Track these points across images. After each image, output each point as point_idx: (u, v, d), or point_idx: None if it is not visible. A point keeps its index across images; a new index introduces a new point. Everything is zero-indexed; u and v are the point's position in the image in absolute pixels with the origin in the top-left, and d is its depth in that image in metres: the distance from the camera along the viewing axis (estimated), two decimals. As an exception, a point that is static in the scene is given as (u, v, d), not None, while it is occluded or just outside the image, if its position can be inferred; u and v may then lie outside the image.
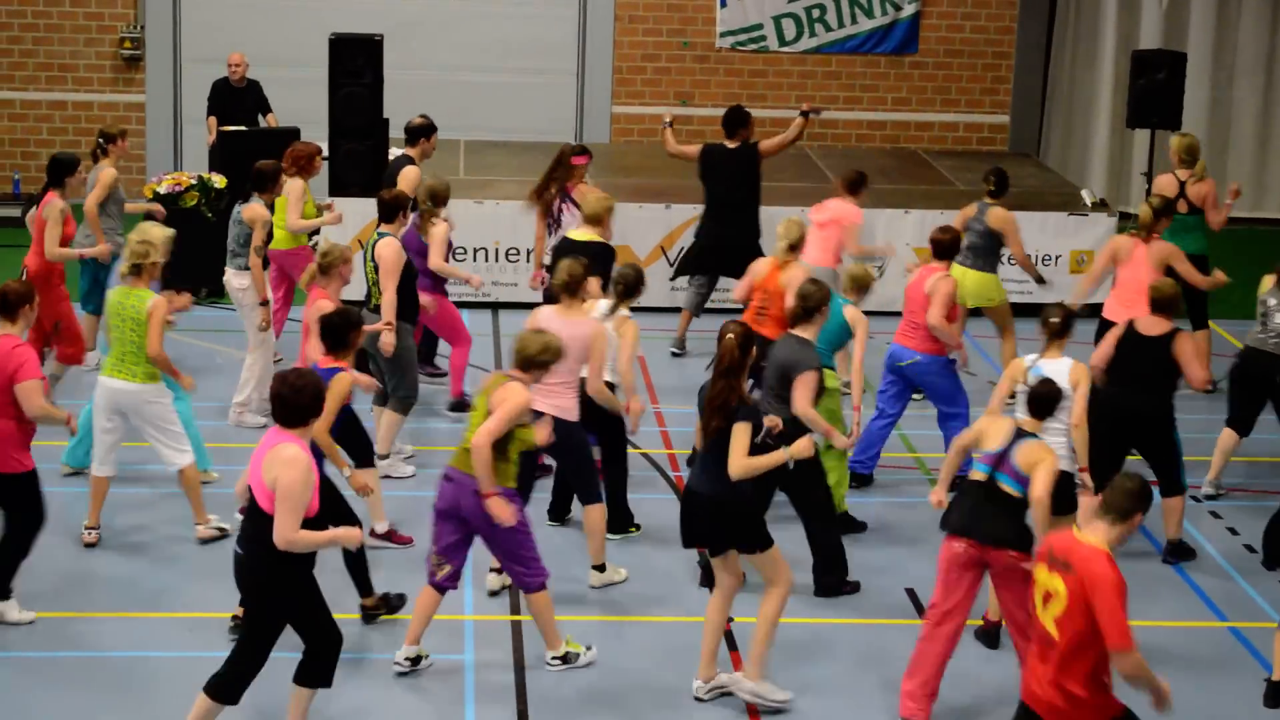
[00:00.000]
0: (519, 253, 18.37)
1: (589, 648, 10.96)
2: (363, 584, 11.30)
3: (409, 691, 10.60)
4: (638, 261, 18.46)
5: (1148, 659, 8.09)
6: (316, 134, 19.73)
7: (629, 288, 12.45)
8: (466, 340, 15.13)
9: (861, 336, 12.67)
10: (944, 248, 13.90)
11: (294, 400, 9.15)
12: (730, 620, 11.22)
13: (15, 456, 10.99)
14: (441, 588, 10.61)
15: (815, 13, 23.20)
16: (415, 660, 10.75)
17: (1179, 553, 12.93)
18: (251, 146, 19.65)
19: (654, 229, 18.62)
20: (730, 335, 10.17)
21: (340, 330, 11.14)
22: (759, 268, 13.81)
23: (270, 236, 15.09)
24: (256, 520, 9.16)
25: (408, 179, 15.66)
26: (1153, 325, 12.56)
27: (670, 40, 23.19)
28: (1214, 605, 12.27)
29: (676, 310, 17.68)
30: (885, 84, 23.45)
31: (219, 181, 18.62)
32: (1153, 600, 12.13)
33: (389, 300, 13.35)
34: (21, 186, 22.35)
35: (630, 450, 13.00)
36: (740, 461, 10.01)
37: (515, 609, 11.54)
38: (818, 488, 11.95)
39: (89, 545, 12.41)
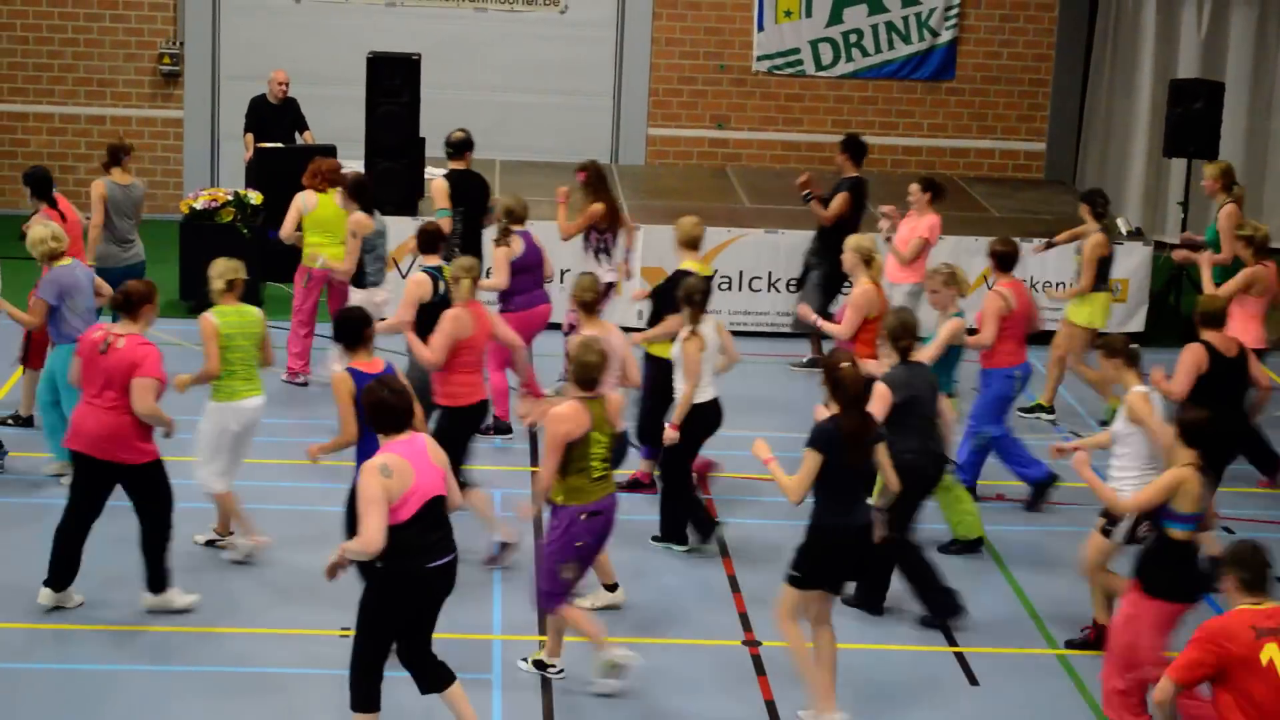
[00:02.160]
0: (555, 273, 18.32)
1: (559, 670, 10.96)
2: None
3: (435, 711, 10.58)
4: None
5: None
6: (353, 152, 19.82)
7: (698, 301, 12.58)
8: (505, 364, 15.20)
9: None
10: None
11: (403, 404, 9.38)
12: (759, 644, 11.24)
13: (140, 447, 11.25)
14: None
15: (852, 38, 23.20)
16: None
17: None
18: (288, 164, 19.75)
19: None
20: (847, 365, 10.18)
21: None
22: (867, 295, 13.58)
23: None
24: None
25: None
26: (1229, 344, 12.79)
27: (706, 63, 23.21)
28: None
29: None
30: (921, 110, 23.44)
31: (255, 198, 18.69)
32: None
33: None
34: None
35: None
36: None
37: (542, 628, 11.52)
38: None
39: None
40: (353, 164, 19.86)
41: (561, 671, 10.93)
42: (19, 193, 22.78)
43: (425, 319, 13.22)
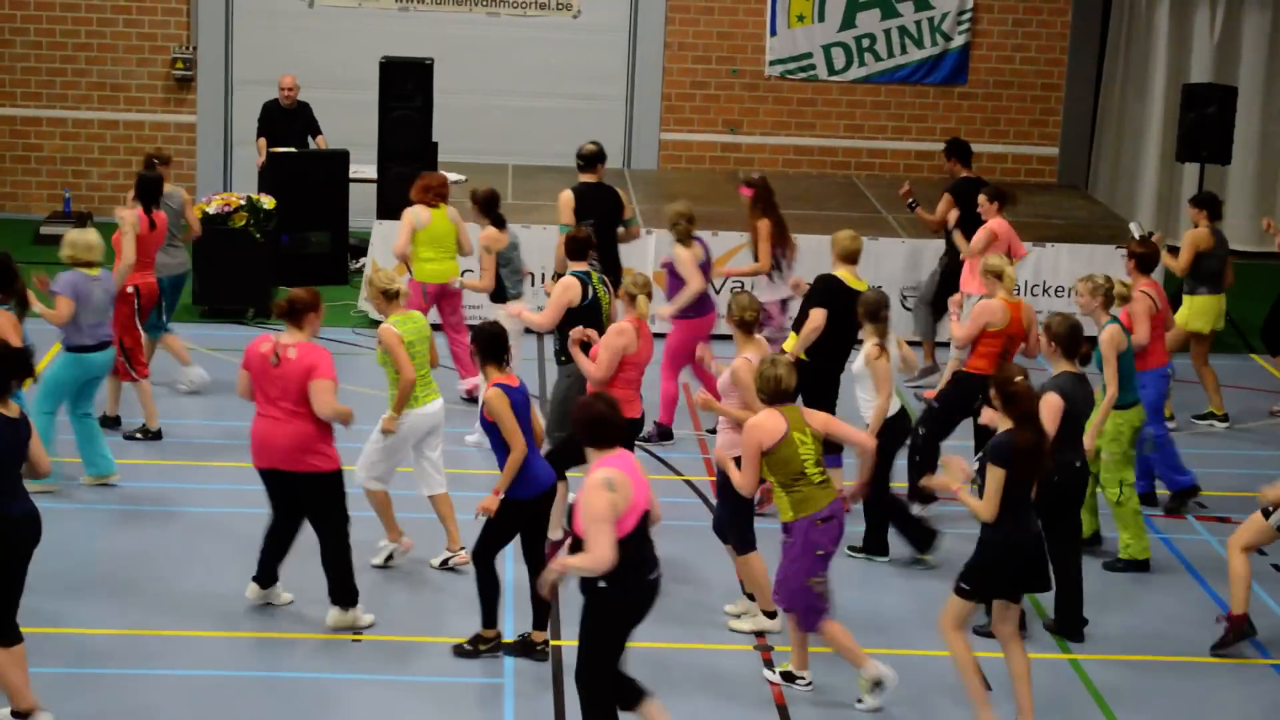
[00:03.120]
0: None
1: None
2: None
3: (447, 714, 10.60)
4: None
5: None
6: (366, 157, 19.85)
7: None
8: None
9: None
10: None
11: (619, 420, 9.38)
12: (770, 649, 11.23)
13: (326, 452, 11.30)
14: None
15: (865, 42, 23.20)
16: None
17: None
18: (300, 168, 19.81)
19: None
20: (1021, 379, 10.19)
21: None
22: (998, 309, 13.28)
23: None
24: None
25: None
26: None
27: (719, 68, 23.21)
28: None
29: (727, 336, 17.64)
30: (934, 114, 23.42)
31: (268, 203, 18.71)
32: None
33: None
34: (73, 205, 22.49)
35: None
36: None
37: (556, 633, 11.52)
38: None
39: (463, 565, 12.37)
40: (366, 170, 19.95)
41: (810, 684, 10.90)
42: (33, 197, 22.96)
43: (570, 324, 13.25)
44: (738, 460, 10.83)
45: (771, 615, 11.65)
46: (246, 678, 10.92)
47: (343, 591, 11.45)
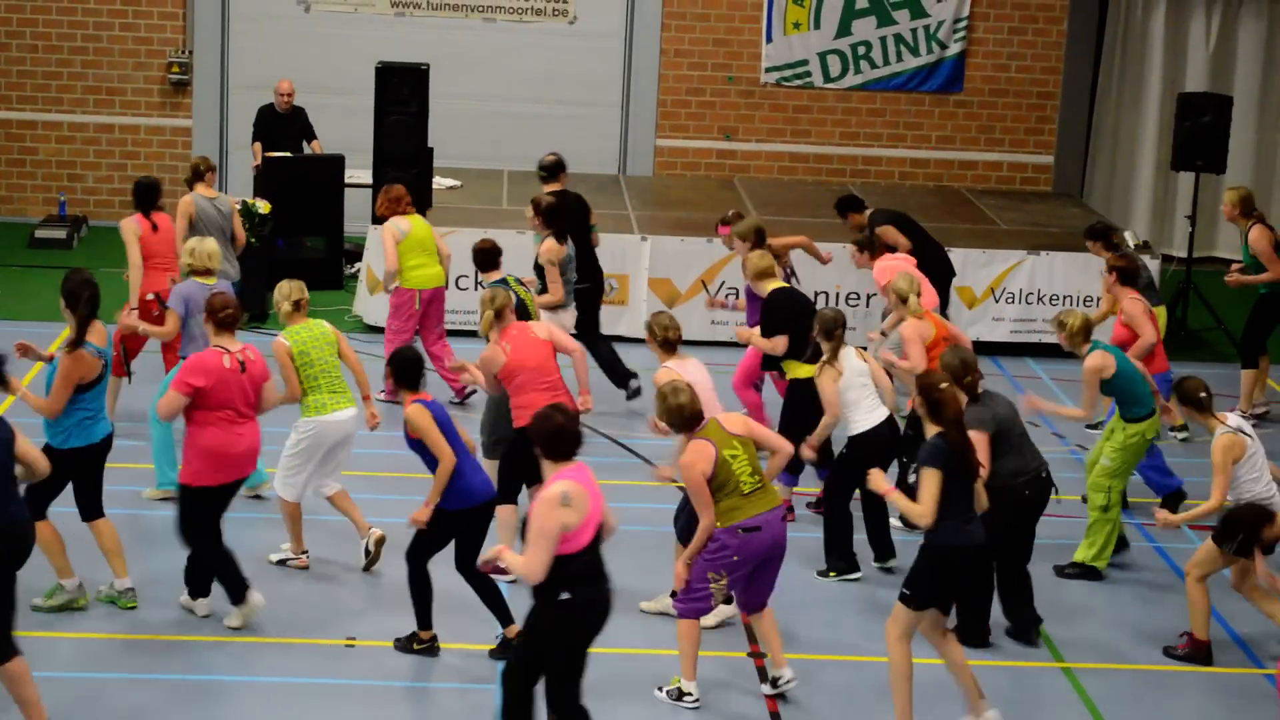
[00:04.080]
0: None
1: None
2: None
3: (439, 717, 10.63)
4: (677, 294, 18.54)
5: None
6: (361, 162, 19.85)
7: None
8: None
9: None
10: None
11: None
12: (764, 656, 11.24)
13: None
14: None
15: (861, 50, 23.21)
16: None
17: None
18: (296, 173, 19.81)
19: (696, 262, 18.62)
20: (946, 385, 10.26)
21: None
22: (923, 326, 13.37)
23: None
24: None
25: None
26: None
27: (715, 75, 23.22)
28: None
29: (717, 344, 17.68)
30: (930, 122, 23.44)
31: (263, 207, 18.71)
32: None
33: None
34: (68, 209, 22.48)
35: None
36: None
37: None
38: None
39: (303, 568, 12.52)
40: (361, 175, 19.95)
41: (697, 701, 10.84)
42: (28, 201, 22.95)
43: None
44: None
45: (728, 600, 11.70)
46: (232, 683, 10.92)
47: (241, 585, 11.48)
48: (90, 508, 11.56)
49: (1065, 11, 23.29)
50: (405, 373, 11.21)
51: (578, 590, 9.14)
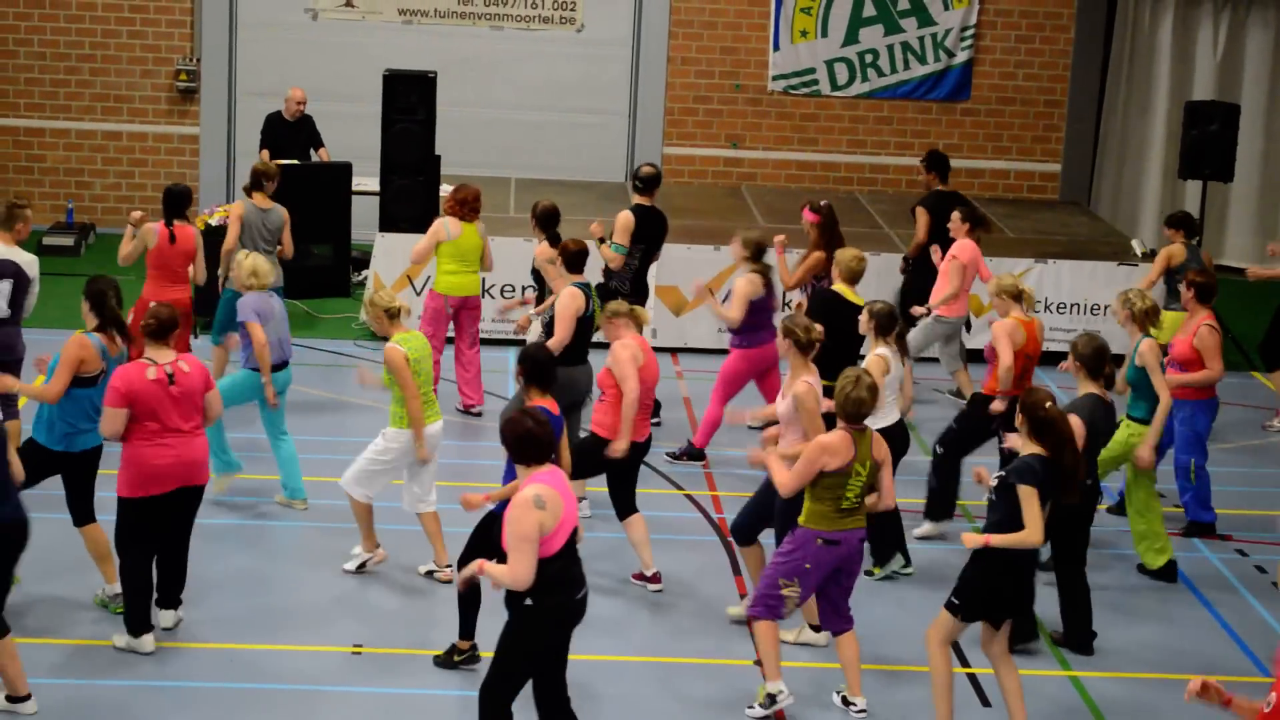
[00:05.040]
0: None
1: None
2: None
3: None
4: (684, 302, 18.53)
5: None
6: (369, 170, 19.85)
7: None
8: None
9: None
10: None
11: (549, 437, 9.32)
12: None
13: None
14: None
15: (868, 58, 23.22)
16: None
17: None
18: (303, 180, 19.79)
19: (703, 270, 18.61)
20: (1052, 404, 10.09)
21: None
22: (1015, 331, 13.21)
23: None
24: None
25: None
26: None
27: (722, 83, 23.23)
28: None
29: (724, 352, 17.64)
30: (937, 130, 23.44)
31: (271, 214, 18.69)
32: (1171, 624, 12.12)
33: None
34: (75, 216, 22.50)
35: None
36: None
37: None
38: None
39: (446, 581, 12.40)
40: (368, 182, 19.96)
41: (790, 696, 10.77)
42: (36, 208, 22.82)
43: (576, 334, 13.58)
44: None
45: (816, 628, 11.68)
46: (238, 690, 10.92)
47: (179, 592, 11.47)
48: (81, 512, 11.60)
49: (1072, 20, 23.30)
50: (535, 372, 10.96)
51: (544, 598, 9.09)
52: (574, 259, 13.98)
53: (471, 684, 10.53)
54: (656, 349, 18.31)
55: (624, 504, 12.60)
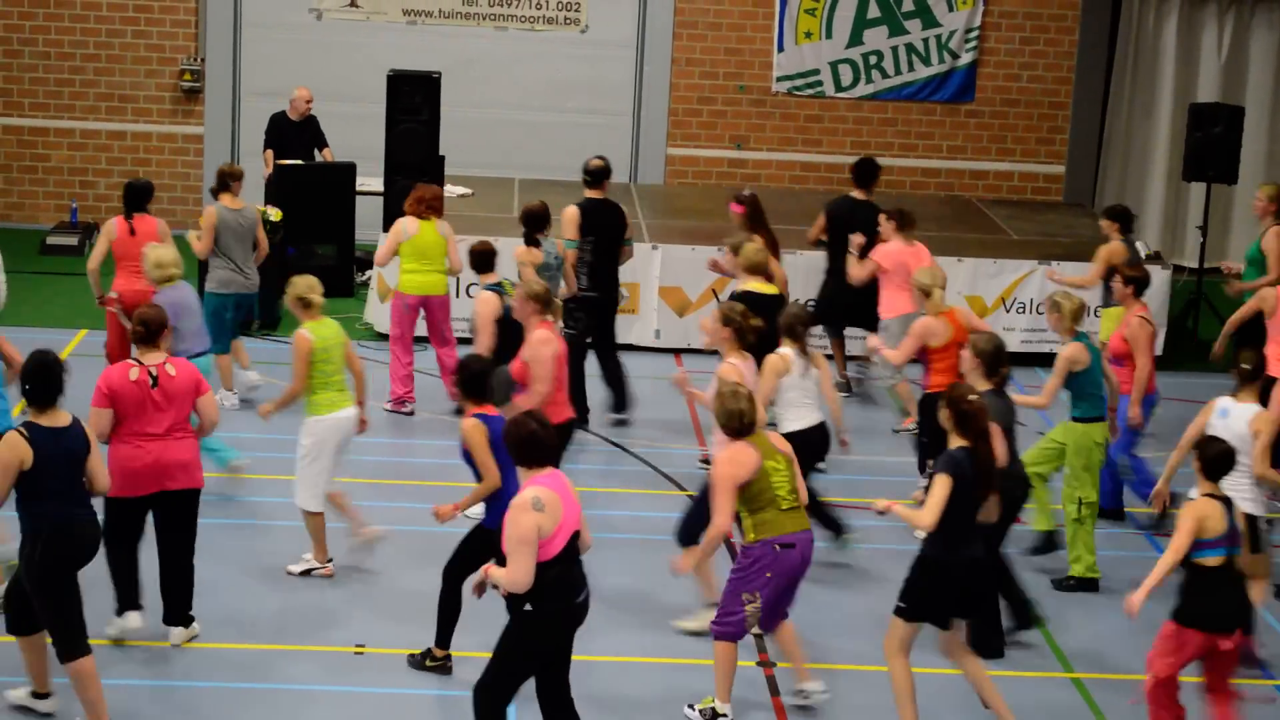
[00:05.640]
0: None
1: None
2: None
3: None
4: (688, 302, 18.54)
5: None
6: (373, 170, 19.87)
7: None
8: None
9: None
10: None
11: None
12: (774, 665, 11.24)
13: (200, 465, 11.39)
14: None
15: (872, 59, 23.22)
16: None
17: None
18: (307, 181, 19.83)
19: (707, 271, 18.57)
20: (975, 398, 10.17)
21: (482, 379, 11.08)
22: (936, 325, 13.37)
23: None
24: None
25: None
26: None
27: (726, 84, 23.23)
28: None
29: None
30: (941, 132, 23.44)
31: (275, 214, 18.72)
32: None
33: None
34: (79, 216, 22.52)
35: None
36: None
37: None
38: None
39: (328, 576, 12.51)
40: (372, 183, 19.98)
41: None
42: (40, 208, 23.00)
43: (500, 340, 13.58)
44: None
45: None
46: (240, 690, 10.93)
47: (187, 608, 11.42)
48: None
49: (1077, 22, 23.30)
50: (472, 384, 10.92)
51: (544, 604, 9.09)
52: (479, 260, 14.14)
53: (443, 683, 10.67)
54: (660, 350, 18.42)
55: None
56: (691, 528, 11.78)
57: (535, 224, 15.26)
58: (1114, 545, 13.84)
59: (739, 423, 10.32)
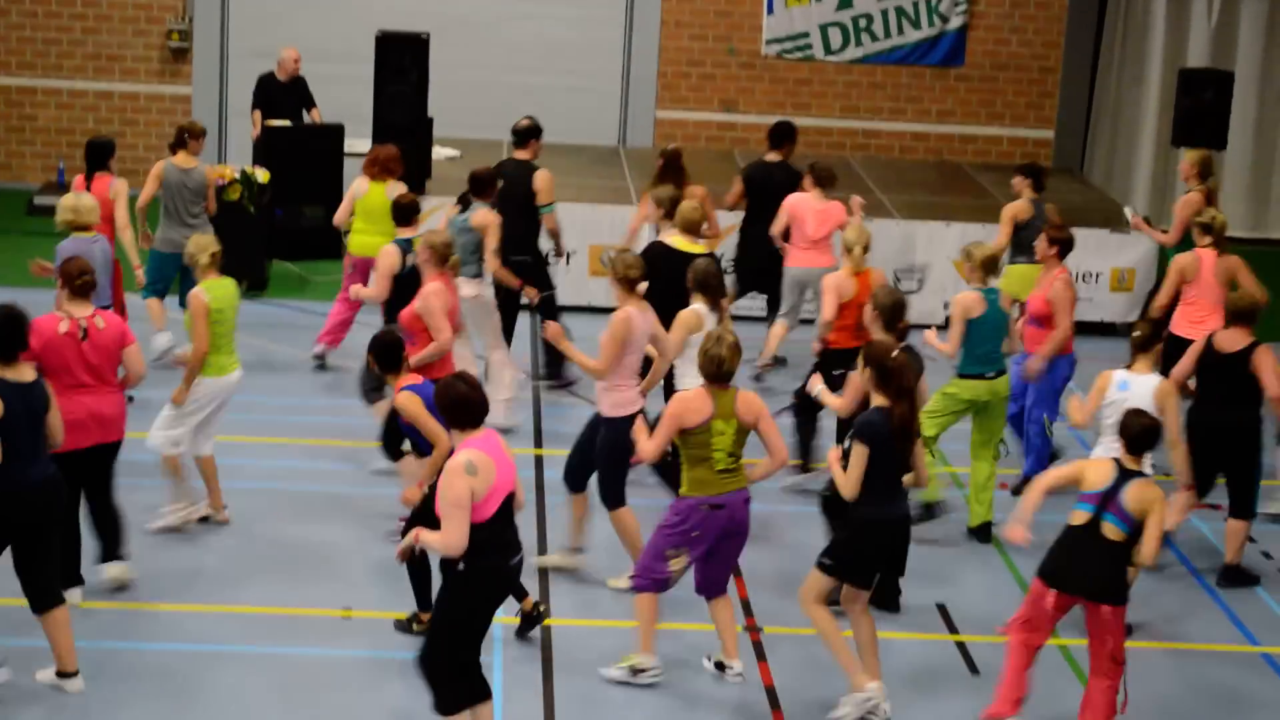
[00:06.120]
0: (562, 255, 18.26)
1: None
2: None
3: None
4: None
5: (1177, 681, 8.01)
6: (361, 131, 19.80)
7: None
8: None
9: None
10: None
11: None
12: (760, 630, 11.26)
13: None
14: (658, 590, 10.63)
15: (862, 23, 23.17)
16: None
17: (1236, 578, 12.79)
18: (295, 141, 19.77)
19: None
20: (898, 354, 10.18)
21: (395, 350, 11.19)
22: (842, 282, 13.30)
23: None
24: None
25: (548, 183, 15.63)
26: (1231, 340, 12.49)
27: (716, 46, 23.18)
28: (1246, 629, 12.24)
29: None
30: (930, 96, 23.41)
31: (262, 176, 18.69)
32: (1184, 623, 12.14)
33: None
34: (66, 176, 22.45)
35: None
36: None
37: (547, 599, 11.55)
38: None
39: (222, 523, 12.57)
40: (360, 144, 19.91)
41: (658, 673, 10.78)
42: (27, 167, 22.93)
43: (396, 292, 13.41)
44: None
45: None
46: (236, 653, 10.94)
47: (119, 545, 11.50)
48: None
49: (1067, -14, 23.28)
50: (386, 356, 11.16)
51: (476, 560, 9.11)
52: (399, 212, 13.99)
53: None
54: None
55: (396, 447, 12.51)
56: (576, 473, 12.00)
57: (478, 187, 15.00)
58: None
59: (715, 369, 10.35)
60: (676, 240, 13.88)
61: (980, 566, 12.85)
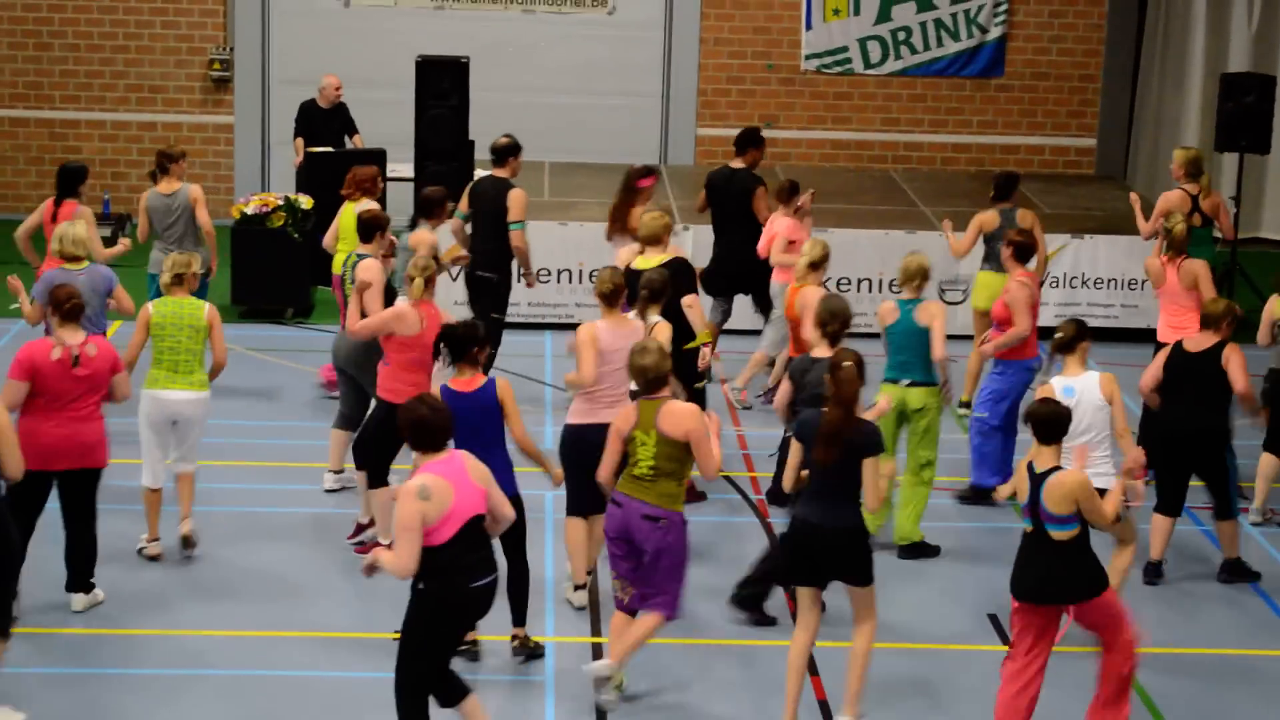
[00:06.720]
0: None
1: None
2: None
3: (491, 711, 10.60)
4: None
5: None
6: (403, 155, 19.89)
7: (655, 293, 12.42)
8: None
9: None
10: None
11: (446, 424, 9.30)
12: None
13: (105, 444, 11.54)
14: (631, 610, 10.55)
15: (901, 35, 23.17)
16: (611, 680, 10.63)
17: (1238, 572, 12.77)
18: (338, 168, 19.79)
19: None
20: (848, 364, 10.12)
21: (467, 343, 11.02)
22: (809, 295, 13.31)
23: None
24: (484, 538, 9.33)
25: (519, 202, 15.63)
26: (1200, 342, 12.44)
27: (755, 63, 23.20)
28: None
29: (756, 332, 17.62)
30: (971, 107, 23.38)
31: (305, 202, 18.78)
32: (1199, 623, 12.13)
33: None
34: (111, 207, 22.60)
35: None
36: (878, 495, 10.11)
37: (596, 629, 11.53)
38: None
39: (153, 558, 12.48)
40: (403, 168, 20.00)
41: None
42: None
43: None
44: None
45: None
46: (266, 676, 10.97)
47: (88, 576, 11.59)
48: None
49: (1106, -7, 23.24)
50: (458, 347, 10.85)
51: (432, 582, 9.13)
52: (362, 228, 13.85)
53: (469, 668, 10.63)
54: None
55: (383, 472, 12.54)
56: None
57: (424, 206, 15.18)
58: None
59: (638, 379, 10.44)
60: (638, 261, 13.67)
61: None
